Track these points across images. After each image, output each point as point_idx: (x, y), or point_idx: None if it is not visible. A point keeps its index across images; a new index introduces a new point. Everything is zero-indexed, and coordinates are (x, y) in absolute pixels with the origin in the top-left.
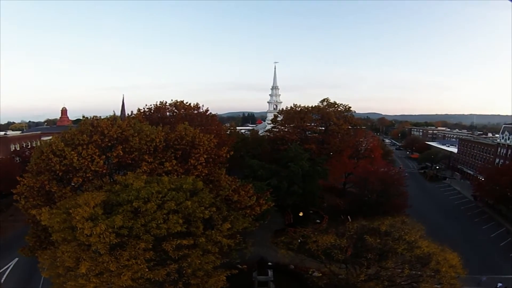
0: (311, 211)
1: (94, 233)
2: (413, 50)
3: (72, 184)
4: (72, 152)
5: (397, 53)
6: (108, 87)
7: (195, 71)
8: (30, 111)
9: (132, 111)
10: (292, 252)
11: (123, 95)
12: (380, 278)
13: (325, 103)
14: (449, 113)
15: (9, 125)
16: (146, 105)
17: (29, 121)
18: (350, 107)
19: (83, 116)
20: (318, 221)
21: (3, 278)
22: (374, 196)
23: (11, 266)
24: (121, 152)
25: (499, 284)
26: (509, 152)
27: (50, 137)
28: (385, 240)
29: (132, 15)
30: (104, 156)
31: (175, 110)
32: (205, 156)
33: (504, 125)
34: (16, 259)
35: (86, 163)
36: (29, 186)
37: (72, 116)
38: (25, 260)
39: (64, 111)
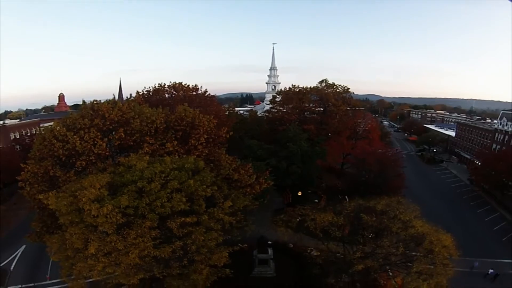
0: (309, 191)
1: (101, 213)
2: (414, 34)
3: (76, 168)
4: (75, 136)
5: (398, 37)
6: (105, 72)
7: (193, 54)
8: (27, 99)
9: (130, 94)
10: (291, 230)
11: (120, 78)
12: (376, 256)
13: (323, 84)
14: (448, 97)
15: (6, 114)
16: (144, 87)
17: (26, 109)
18: (348, 88)
19: (83, 101)
20: (316, 201)
21: (13, 265)
22: (372, 177)
23: (19, 253)
24: (122, 134)
25: (490, 270)
26: (506, 138)
27: (50, 124)
28: (380, 219)
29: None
30: (106, 139)
31: (174, 92)
32: (205, 137)
33: (502, 111)
34: (24, 246)
35: (88, 147)
36: (33, 173)
37: (69, 101)
38: (33, 247)
39: (61, 97)
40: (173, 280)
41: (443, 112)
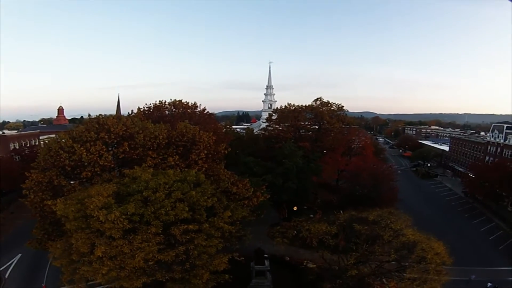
0: (305, 207)
1: (109, 219)
2: (409, 50)
3: (81, 178)
4: (81, 148)
5: (392, 53)
6: (103, 87)
7: (189, 70)
8: (25, 110)
9: (132, 110)
10: (287, 240)
11: (119, 94)
12: (368, 262)
13: (318, 102)
14: (443, 112)
15: (4, 125)
16: (146, 104)
17: (24, 121)
18: (342, 106)
19: (89, 115)
20: (311, 216)
21: (8, 273)
22: (365, 191)
23: (15, 261)
24: (127, 148)
25: (489, 284)
26: (498, 150)
27: (50, 136)
28: (372, 228)
29: (126, 15)
30: (111, 152)
31: (174, 109)
32: (205, 152)
33: (493, 124)
34: (20, 254)
35: (94, 158)
36: (38, 181)
37: (67, 115)
38: (29, 255)
39: (60, 110)
40: (175, 285)
41: (437, 127)
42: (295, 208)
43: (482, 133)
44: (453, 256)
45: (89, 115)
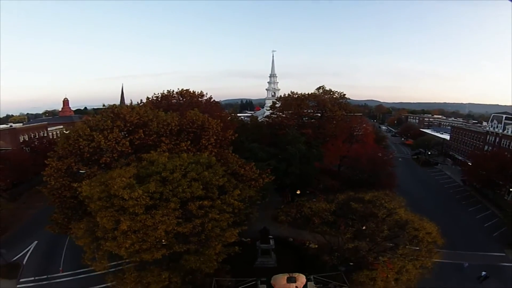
0: (307, 191)
1: (132, 197)
2: (413, 41)
3: (100, 164)
4: (100, 136)
5: (397, 42)
6: (105, 78)
7: (192, 60)
8: (27, 103)
9: (141, 100)
10: (290, 218)
11: (122, 84)
12: (363, 235)
13: (321, 91)
14: (447, 102)
15: (8, 118)
16: (154, 93)
17: (27, 113)
18: (344, 94)
19: (103, 105)
20: (314, 200)
21: (25, 260)
22: (365, 176)
23: (32, 248)
24: (142, 134)
25: (483, 273)
26: (497, 140)
27: (58, 127)
28: (367, 206)
29: (126, 5)
30: (128, 138)
31: (181, 98)
32: (214, 137)
33: (493, 114)
34: (36, 241)
35: (112, 145)
36: (57, 168)
37: (71, 107)
38: (44, 243)
39: (66, 102)
40: (190, 257)
41: (440, 116)
42: (298, 192)
43: (484, 123)
44: (448, 240)
45: (104, 104)
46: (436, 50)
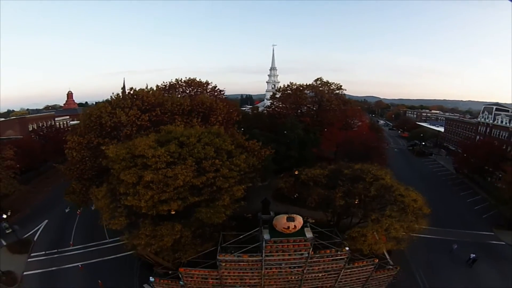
0: None
1: (155, 155)
2: (413, 37)
3: (120, 136)
4: (121, 111)
5: (397, 39)
6: (106, 73)
7: (193, 56)
8: (27, 99)
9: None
10: (289, 184)
11: (124, 78)
12: (352, 194)
13: (318, 82)
14: (447, 99)
15: (9, 113)
16: (163, 82)
17: (28, 109)
18: (341, 86)
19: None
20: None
21: (36, 236)
22: (357, 157)
23: (42, 226)
24: (159, 112)
25: (472, 255)
26: (487, 130)
27: (64, 117)
28: (356, 171)
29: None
30: (147, 115)
31: (188, 87)
32: (221, 116)
33: (484, 106)
34: (46, 221)
35: (133, 119)
36: (79, 142)
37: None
38: (54, 221)
39: (70, 95)
40: (202, 209)
41: (438, 111)
42: (296, 172)
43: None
44: (438, 219)
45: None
46: (436, 48)
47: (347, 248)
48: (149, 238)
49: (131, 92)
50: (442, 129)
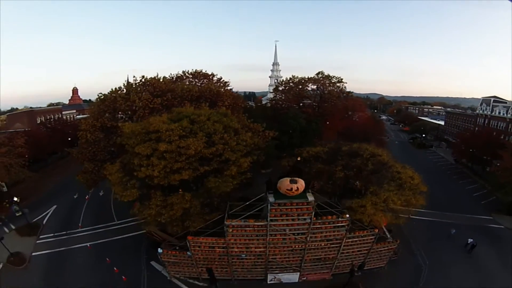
0: None
1: (169, 129)
2: (416, 35)
3: (134, 118)
4: (135, 95)
5: (401, 36)
6: (109, 72)
7: (197, 54)
8: (31, 97)
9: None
10: (291, 162)
11: (128, 75)
12: (351, 167)
13: (320, 75)
14: (450, 96)
15: (12, 111)
16: (170, 73)
17: (31, 107)
18: (342, 79)
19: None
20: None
21: (45, 220)
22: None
23: (51, 211)
24: (170, 97)
25: (470, 240)
26: (486, 121)
27: (70, 111)
28: (353, 148)
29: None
30: (159, 99)
31: (194, 78)
32: (228, 102)
33: (482, 98)
34: (55, 206)
35: (146, 103)
36: (93, 125)
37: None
38: (63, 206)
39: (75, 91)
40: (211, 178)
41: (439, 107)
42: (298, 159)
43: None
44: (438, 204)
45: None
46: (438, 46)
47: (347, 215)
48: (160, 208)
49: (143, 80)
50: (442, 123)
